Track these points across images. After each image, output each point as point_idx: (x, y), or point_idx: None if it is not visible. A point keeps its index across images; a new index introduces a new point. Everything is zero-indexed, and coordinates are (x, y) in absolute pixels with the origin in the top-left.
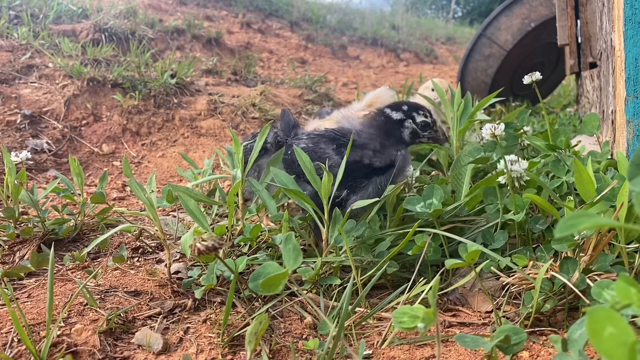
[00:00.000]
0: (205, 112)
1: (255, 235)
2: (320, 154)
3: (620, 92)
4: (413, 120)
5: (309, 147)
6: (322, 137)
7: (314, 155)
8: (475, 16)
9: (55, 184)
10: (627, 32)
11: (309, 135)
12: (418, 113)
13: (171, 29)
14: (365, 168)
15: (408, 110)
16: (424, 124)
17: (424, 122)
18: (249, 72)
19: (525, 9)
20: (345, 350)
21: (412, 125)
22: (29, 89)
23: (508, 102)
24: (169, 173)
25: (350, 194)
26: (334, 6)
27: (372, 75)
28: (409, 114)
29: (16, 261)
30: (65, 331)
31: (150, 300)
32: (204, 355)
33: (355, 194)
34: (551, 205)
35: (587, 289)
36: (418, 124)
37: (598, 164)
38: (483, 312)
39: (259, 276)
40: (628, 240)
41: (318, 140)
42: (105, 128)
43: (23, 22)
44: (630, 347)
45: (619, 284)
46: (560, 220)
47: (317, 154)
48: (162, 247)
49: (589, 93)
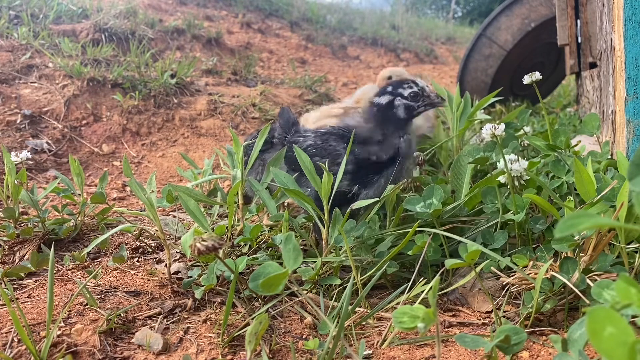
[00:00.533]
0: (205, 112)
1: (255, 235)
2: (331, 151)
3: (620, 92)
4: (401, 96)
5: (318, 144)
6: (330, 134)
7: (323, 152)
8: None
9: (55, 184)
10: (627, 32)
11: (316, 132)
12: (403, 87)
13: (171, 29)
14: (375, 163)
15: (393, 89)
16: (413, 94)
17: (413, 92)
18: (249, 72)
19: (525, 9)
20: (345, 350)
21: (402, 101)
22: (29, 89)
23: (508, 102)
24: (169, 173)
25: (362, 189)
26: (334, 6)
27: (372, 75)
28: (395, 92)
29: (16, 261)
30: (65, 331)
31: (150, 300)
32: (204, 355)
33: (366, 189)
34: (551, 205)
35: (587, 289)
36: (407, 97)
37: (598, 164)
38: (483, 312)
39: (259, 276)
40: (628, 240)
41: (327, 137)
42: (105, 128)
43: (23, 22)
44: (630, 347)
45: (619, 284)
46: (560, 220)
47: (327, 151)
48: (162, 247)
49: (589, 93)
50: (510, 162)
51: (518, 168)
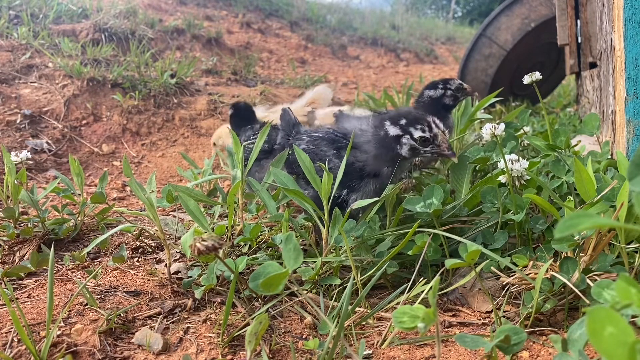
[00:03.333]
0: (205, 112)
1: (255, 235)
2: (322, 156)
3: (620, 92)
4: (411, 135)
5: (310, 148)
6: (322, 139)
7: (314, 157)
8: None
9: (55, 184)
10: (627, 32)
11: (310, 136)
12: (416, 127)
13: (171, 29)
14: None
15: (406, 125)
16: (423, 139)
17: (423, 137)
18: (249, 72)
19: (525, 9)
20: (345, 350)
21: (410, 141)
22: (29, 89)
23: (508, 102)
24: (169, 173)
25: (350, 193)
26: (334, 6)
27: (372, 75)
28: (406, 128)
29: (16, 261)
30: (65, 331)
31: (150, 300)
32: (204, 355)
33: (355, 192)
34: (551, 205)
35: (587, 289)
36: (417, 140)
37: (598, 164)
38: (483, 312)
39: (259, 276)
40: (628, 240)
41: (319, 142)
42: (105, 128)
43: (23, 22)
44: (630, 347)
45: (619, 284)
46: (560, 221)
47: (317, 155)
48: (162, 247)
49: (589, 93)
50: (511, 162)
51: (518, 168)
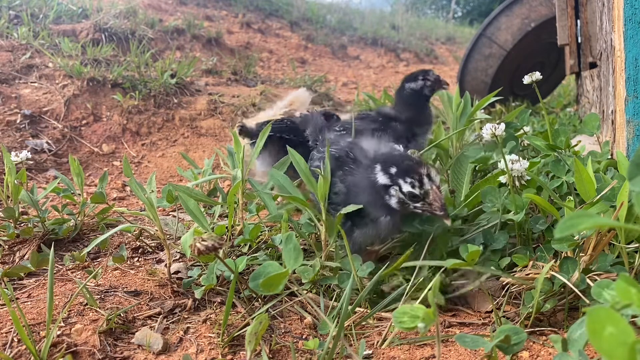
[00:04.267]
0: (205, 112)
1: (255, 235)
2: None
3: (620, 92)
4: (399, 188)
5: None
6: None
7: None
8: (475, 16)
9: (55, 184)
10: (627, 32)
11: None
12: (405, 180)
13: (171, 29)
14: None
15: (396, 175)
16: (412, 196)
17: (411, 193)
18: (249, 72)
19: (525, 9)
20: (345, 350)
21: (399, 194)
22: (29, 89)
23: (508, 102)
24: (169, 173)
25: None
26: (334, 6)
27: (372, 75)
28: (396, 179)
29: (16, 261)
30: (65, 331)
31: (150, 300)
32: (204, 355)
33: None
34: (551, 205)
35: (587, 289)
36: (405, 194)
37: (598, 164)
38: (483, 312)
39: (259, 276)
40: (628, 240)
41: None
42: (105, 128)
43: (23, 22)
44: (630, 347)
45: (619, 284)
46: (560, 220)
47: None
48: (162, 247)
49: (589, 93)
50: (511, 162)
51: (519, 168)
